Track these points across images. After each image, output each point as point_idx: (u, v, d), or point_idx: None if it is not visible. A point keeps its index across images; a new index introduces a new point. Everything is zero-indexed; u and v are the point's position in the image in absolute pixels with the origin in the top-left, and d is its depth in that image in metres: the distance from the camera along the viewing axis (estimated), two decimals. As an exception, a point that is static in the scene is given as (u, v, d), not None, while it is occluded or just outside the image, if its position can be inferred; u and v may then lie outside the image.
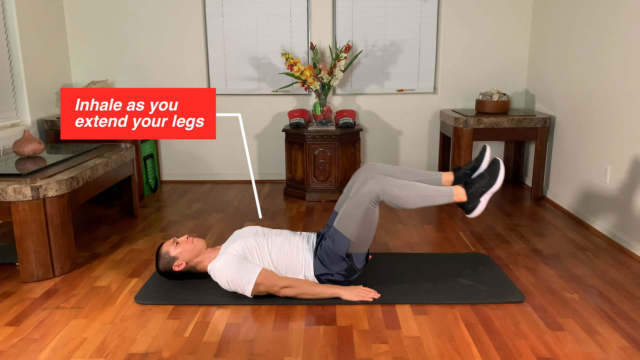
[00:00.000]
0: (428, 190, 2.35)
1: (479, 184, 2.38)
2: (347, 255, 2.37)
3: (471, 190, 2.38)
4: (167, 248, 2.48)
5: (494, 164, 2.40)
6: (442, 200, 2.36)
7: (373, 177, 2.32)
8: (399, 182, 2.34)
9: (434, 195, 2.35)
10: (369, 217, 2.31)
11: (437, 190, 2.36)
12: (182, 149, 4.62)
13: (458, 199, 2.38)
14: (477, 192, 2.38)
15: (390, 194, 2.29)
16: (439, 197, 2.35)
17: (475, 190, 2.38)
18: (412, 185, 2.34)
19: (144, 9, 4.33)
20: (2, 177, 2.61)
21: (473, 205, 2.39)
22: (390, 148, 4.62)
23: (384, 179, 2.32)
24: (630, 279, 2.61)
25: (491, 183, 2.37)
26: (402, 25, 4.42)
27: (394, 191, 2.29)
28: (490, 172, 2.39)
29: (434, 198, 2.34)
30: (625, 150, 3.04)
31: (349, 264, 2.39)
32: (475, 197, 2.38)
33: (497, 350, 1.98)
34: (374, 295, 2.36)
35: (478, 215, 2.72)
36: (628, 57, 3.00)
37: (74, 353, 1.98)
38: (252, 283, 2.28)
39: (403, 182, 2.34)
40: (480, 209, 2.40)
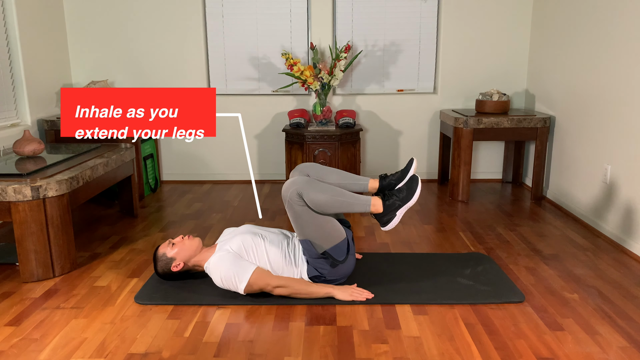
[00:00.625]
0: (347, 196, 2.37)
1: (396, 197, 2.41)
2: (323, 254, 2.39)
3: (388, 203, 2.40)
4: (163, 250, 2.49)
5: (412, 180, 2.43)
6: (359, 209, 2.38)
7: (297, 180, 2.35)
8: (320, 185, 2.36)
9: (352, 202, 2.37)
10: (306, 216, 2.35)
11: (356, 198, 2.38)
12: (182, 149, 4.62)
13: (374, 209, 2.40)
14: (393, 205, 2.40)
15: (310, 197, 2.32)
16: (356, 205, 2.38)
17: (392, 203, 2.40)
18: (332, 189, 2.37)
19: (144, 9, 4.33)
20: (2, 177, 2.61)
21: (389, 217, 2.42)
22: (390, 148, 4.62)
23: (306, 182, 2.34)
24: (630, 279, 2.61)
25: (408, 198, 2.40)
26: (402, 25, 4.42)
27: (314, 194, 2.32)
28: (408, 187, 2.41)
29: (351, 205, 2.37)
30: (625, 150, 3.04)
31: (329, 261, 2.41)
32: (391, 209, 2.41)
33: (497, 350, 1.98)
34: (368, 296, 2.36)
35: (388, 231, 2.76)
36: (628, 57, 3.00)
37: (74, 353, 1.98)
38: (245, 281, 2.29)
39: (324, 186, 2.37)
40: (394, 223, 2.42)
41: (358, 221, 3.53)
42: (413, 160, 2.51)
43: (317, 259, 2.40)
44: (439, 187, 4.46)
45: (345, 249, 2.44)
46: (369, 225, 3.45)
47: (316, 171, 2.56)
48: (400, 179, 2.50)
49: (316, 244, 2.38)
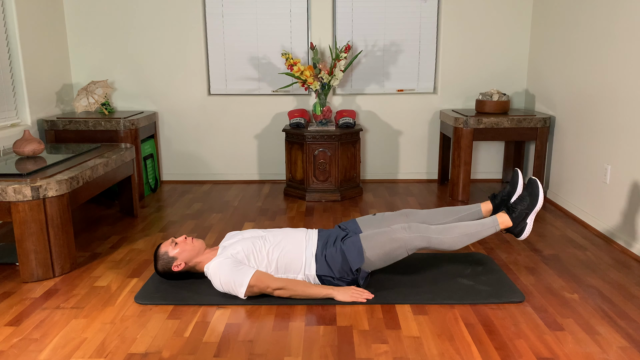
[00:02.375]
0: (471, 227, 2.42)
1: (521, 206, 2.45)
2: (357, 270, 2.39)
3: (515, 215, 2.45)
4: (165, 248, 2.49)
5: (531, 184, 2.47)
6: (489, 232, 2.44)
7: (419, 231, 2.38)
8: (441, 228, 2.40)
9: (480, 230, 2.42)
10: (395, 256, 2.39)
11: (481, 225, 2.43)
12: (182, 149, 4.62)
13: (504, 226, 2.45)
14: (521, 215, 2.45)
15: (437, 243, 2.37)
16: (485, 230, 2.42)
17: (520, 214, 2.44)
18: (455, 227, 2.41)
19: (144, 9, 4.33)
20: (2, 177, 2.61)
21: (520, 228, 2.46)
22: (390, 148, 4.62)
23: (426, 231, 2.38)
24: (630, 279, 2.61)
25: (533, 204, 2.44)
26: (402, 25, 4.42)
27: (439, 239, 2.37)
28: (530, 193, 2.45)
29: (481, 232, 2.42)
30: (625, 150, 3.04)
31: (354, 277, 2.42)
32: (520, 219, 2.45)
33: (497, 350, 1.98)
34: (368, 296, 2.36)
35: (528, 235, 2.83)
36: (628, 57, 3.00)
37: (74, 353, 1.98)
38: (244, 285, 2.29)
39: (445, 227, 2.40)
40: (528, 231, 2.47)
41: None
42: (518, 170, 2.56)
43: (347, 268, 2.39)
44: (439, 187, 4.46)
45: (368, 275, 2.46)
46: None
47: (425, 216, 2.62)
48: (511, 192, 2.55)
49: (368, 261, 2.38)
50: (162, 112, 4.55)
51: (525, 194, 2.47)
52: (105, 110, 4.15)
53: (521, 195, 2.49)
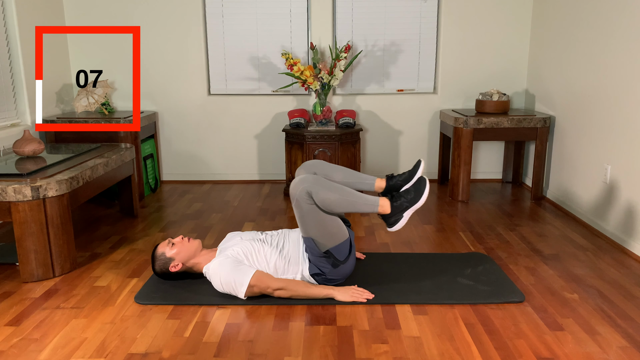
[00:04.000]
0: (355, 196, 2.38)
1: (404, 198, 2.41)
2: (326, 252, 2.39)
3: (396, 204, 2.41)
4: (162, 249, 2.49)
5: (420, 181, 2.43)
6: (367, 209, 2.39)
7: (303, 178, 2.35)
8: (329, 184, 2.36)
9: (360, 202, 2.37)
10: (313, 215, 2.34)
11: (364, 198, 2.39)
12: (182, 149, 4.62)
13: (382, 210, 2.41)
14: (401, 207, 2.41)
15: (319, 196, 2.31)
16: (364, 205, 2.38)
17: (400, 205, 2.40)
18: (341, 189, 2.37)
19: (144, 9, 4.33)
20: (2, 177, 2.61)
21: (396, 218, 2.43)
22: (390, 148, 4.62)
23: (316, 180, 2.34)
24: (630, 279, 2.61)
25: (415, 200, 2.40)
26: (402, 25, 4.42)
27: (323, 193, 2.32)
28: (416, 189, 2.42)
29: (360, 205, 2.37)
30: (625, 150, 3.04)
31: (331, 260, 2.41)
32: (398, 211, 2.41)
33: (497, 350, 1.98)
34: (368, 296, 2.36)
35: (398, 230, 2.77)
36: (628, 57, 3.00)
37: (74, 353, 1.98)
38: (245, 285, 2.29)
39: (333, 185, 2.37)
40: (401, 224, 2.43)
41: (358, 221, 3.53)
42: (420, 161, 2.51)
43: (319, 257, 2.40)
44: (439, 187, 4.46)
45: (347, 250, 2.44)
46: (369, 225, 3.45)
47: (322, 168, 2.56)
48: (408, 179, 2.50)
49: (319, 242, 2.38)
50: (162, 112, 4.55)
51: (411, 189, 2.43)
52: (105, 110, 4.15)
53: (407, 188, 2.46)
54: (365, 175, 2.59)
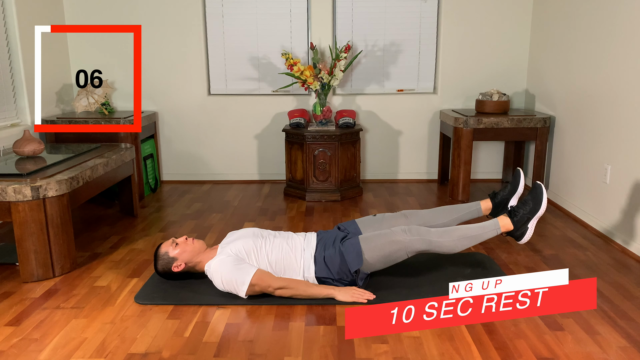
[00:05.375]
0: (472, 229, 2.39)
1: (523, 210, 2.43)
2: (355, 271, 2.39)
3: (517, 219, 2.43)
4: (166, 249, 2.48)
5: (535, 188, 2.44)
6: (490, 235, 2.42)
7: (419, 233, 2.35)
8: (442, 231, 2.38)
9: (481, 233, 2.39)
10: (394, 258, 2.38)
11: (482, 228, 2.40)
12: (182, 149, 4.62)
13: (505, 229, 2.43)
14: (522, 219, 2.42)
15: (437, 246, 2.35)
16: (486, 234, 2.41)
17: (521, 218, 2.42)
18: (455, 230, 2.39)
19: (144, 9, 4.33)
20: (2, 177, 2.61)
21: (522, 231, 2.44)
22: (390, 148, 4.62)
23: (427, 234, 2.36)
24: (630, 279, 2.61)
25: (536, 209, 2.41)
26: (402, 25, 4.42)
27: (439, 242, 2.35)
28: (534, 198, 2.42)
29: (482, 235, 2.40)
30: (625, 150, 3.04)
31: (352, 278, 2.41)
32: (521, 223, 2.43)
33: (497, 350, 1.98)
34: (369, 297, 2.36)
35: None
36: (628, 57, 3.00)
37: (74, 353, 1.98)
38: (246, 284, 2.29)
39: (446, 230, 2.38)
40: (529, 235, 2.45)
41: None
42: (520, 170, 2.54)
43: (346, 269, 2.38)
44: (439, 187, 4.46)
45: (366, 277, 2.46)
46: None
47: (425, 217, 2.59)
48: (512, 192, 2.53)
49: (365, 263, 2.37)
50: (162, 112, 4.55)
51: (528, 198, 2.45)
52: (105, 110, 4.15)
53: (525, 199, 2.47)
54: (468, 204, 2.62)
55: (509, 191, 2.55)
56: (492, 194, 2.60)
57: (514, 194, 2.55)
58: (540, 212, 2.42)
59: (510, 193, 2.55)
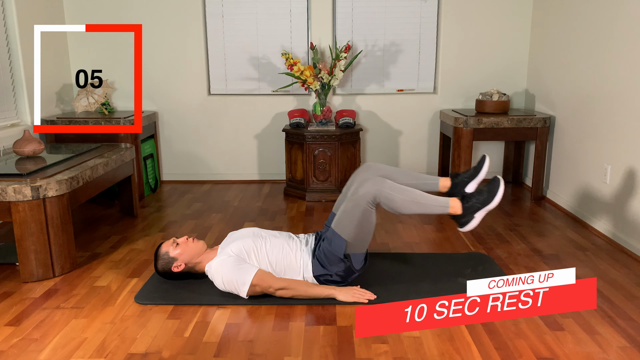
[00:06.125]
0: (425, 198, 2.34)
1: (476, 199, 2.37)
2: (345, 256, 2.37)
3: (467, 205, 2.37)
4: (166, 248, 2.48)
5: (494, 181, 2.38)
6: (438, 210, 2.36)
7: (371, 179, 2.31)
8: (397, 186, 2.33)
9: (430, 204, 2.34)
10: (366, 219, 2.32)
11: (434, 200, 2.36)
12: (182, 149, 4.61)
13: (453, 211, 2.38)
14: (473, 207, 2.37)
15: (387, 197, 2.28)
16: (435, 207, 2.35)
17: (472, 205, 2.37)
18: (410, 191, 2.33)
19: (144, 9, 4.33)
20: (2, 177, 2.61)
21: (467, 219, 2.39)
22: (390, 148, 4.61)
23: (382, 181, 2.31)
24: (630, 279, 2.61)
25: (488, 200, 2.36)
26: (402, 25, 4.42)
27: (392, 194, 2.28)
28: (489, 190, 2.37)
29: (430, 207, 2.34)
30: (625, 150, 3.04)
31: (347, 265, 2.39)
32: (470, 212, 2.38)
33: (497, 350, 1.98)
34: (370, 297, 2.36)
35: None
36: (628, 57, 3.00)
37: (74, 353, 1.98)
38: (247, 284, 2.29)
39: (401, 187, 2.33)
40: (473, 225, 2.39)
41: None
42: (485, 156, 2.47)
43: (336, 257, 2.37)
44: (439, 187, 4.45)
45: (363, 261, 2.44)
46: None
47: (386, 171, 2.53)
48: (473, 176, 2.47)
49: (349, 243, 2.35)
50: (162, 112, 4.55)
51: (484, 189, 2.39)
52: (105, 110, 4.15)
53: (481, 189, 2.42)
54: (429, 176, 2.55)
55: (469, 175, 2.48)
56: (453, 174, 2.54)
57: (473, 179, 2.47)
58: (491, 205, 2.36)
59: (470, 177, 2.48)
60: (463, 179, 2.49)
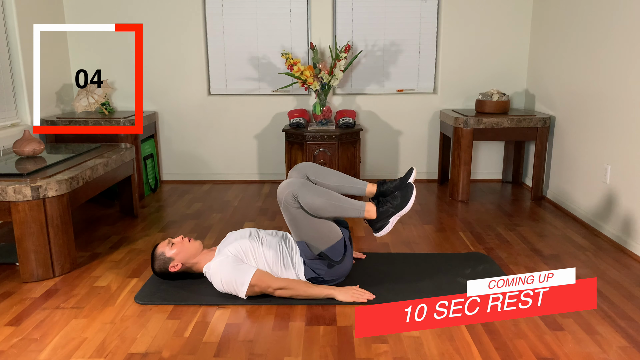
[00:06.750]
0: (342, 200, 2.36)
1: (390, 204, 2.40)
2: (320, 254, 2.38)
3: (382, 209, 2.40)
4: (162, 249, 2.48)
5: (407, 187, 2.41)
6: (353, 214, 2.38)
7: (293, 182, 2.33)
8: (316, 188, 2.34)
9: (346, 207, 2.36)
10: (302, 218, 2.33)
11: (350, 203, 2.37)
12: (182, 149, 4.61)
13: (368, 215, 2.40)
14: (387, 212, 2.39)
15: (305, 199, 2.29)
16: (350, 210, 2.37)
17: (386, 210, 2.39)
18: (327, 193, 2.35)
19: (144, 9, 4.33)
20: (2, 177, 2.61)
21: (381, 224, 2.41)
22: (390, 148, 4.61)
23: (302, 184, 2.32)
24: (630, 279, 2.61)
25: (402, 206, 2.39)
26: (402, 25, 4.42)
27: (309, 197, 2.30)
28: (403, 195, 2.40)
29: (345, 210, 2.36)
30: (625, 150, 3.04)
31: (326, 261, 2.40)
32: (384, 216, 2.40)
33: (497, 350, 1.98)
34: (369, 297, 2.36)
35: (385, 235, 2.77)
36: (628, 57, 3.00)
37: (74, 353, 1.98)
38: (246, 284, 2.29)
39: (320, 189, 2.35)
40: (387, 229, 2.42)
41: (358, 221, 3.53)
42: (412, 169, 2.50)
43: (313, 260, 2.40)
44: (439, 187, 4.46)
45: (342, 250, 2.43)
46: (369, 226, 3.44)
47: (315, 172, 2.55)
48: (398, 187, 2.48)
49: (312, 245, 2.37)
50: (162, 112, 4.55)
51: (398, 194, 2.41)
52: (105, 110, 4.15)
53: (395, 194, 2.44)
54: (357, 180, 2.58)
55: (395, 185, 2.49)
56: (381, 182, 2.55)
57: (398, 189, 2.48)
58: (404, 210, 2.39)
59: (396, 187, 2.49)
60: (389, 188, 2.51)
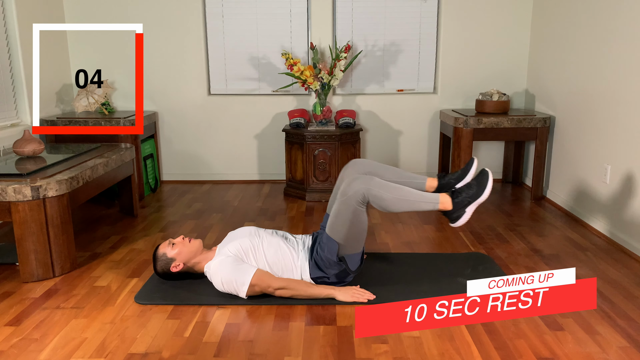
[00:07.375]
0: (414, 195, 2.32)
1: (465, 193, 2.36)
2: (340, 259, 2.37)
3: (457, 200, 2.35)
4: (163, 250, 2.48)
5: (482, 174, 2.37)
6: (427, 207, 2.34)
7: (359, 177, 2.30)
8: (385, 183, 2.31)
9: (420, 200, 2.32)
10: (356, 219, 2.30)
11: (423, 196, 2.33)
12: (182, 149, 4.61)
13: (443, 207, 2.36)
14: (463, 202, 2.35)
15: (376, 195, 2.26)
16: (425, 204, 2.33)
17: (462, 200, 2.35)
18: (399, 188, 2.31)
19: (144, 9, 4.33)
20: (2, 177, 2.61)
21: (458, 214, 2.37)
22: (390, 148, 4.61)
23: (370, 179, 2.30)
24: (630, 279, 2.61)
25: (478, 194, 2.34)
26: (402, 25, 4.42)
27: (380, 192, 2.27)
28: (479, 183, 2.35)
29: (419, 204, 2.32)
30: (625, 150, 3.04)
31: (342, 268, 2.39)
32: (460, 206, 2.36)
33: (497, 350, 1.98)
34: (369, 297, 2.36)
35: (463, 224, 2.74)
36: (628, 57, 3.00)
37: (74, 353, 1.98)
38: (246, 284, 2.29)
39: (389, 184, 2.31)
40: (464, 219, 2.37)
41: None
42: (474, 159, 2.46)
43: (331, 260, 2.38)
44: (439, 187, 4.45)
45: (359, 261, 2.43)
46: (370, 226, 3.44)
47: (373, 168, 2.51)
48: (461, 178, 2.46)
49: (342, 245, 2.35)
50: (162, 112, 4.55)
51: (473, 183, 2.37)
52: (105, 110, 4.15)
53: (470, 183, 2.39)
54: (416, 175, 2.54)
55: (457, 177, 2.47)
56: (441, 175, 2.52)
57: (460, 181, 2.47)
58: (481, 198, 2.34)
59: (457, 179, 2.47)
60: (450, 180, 2.48)
